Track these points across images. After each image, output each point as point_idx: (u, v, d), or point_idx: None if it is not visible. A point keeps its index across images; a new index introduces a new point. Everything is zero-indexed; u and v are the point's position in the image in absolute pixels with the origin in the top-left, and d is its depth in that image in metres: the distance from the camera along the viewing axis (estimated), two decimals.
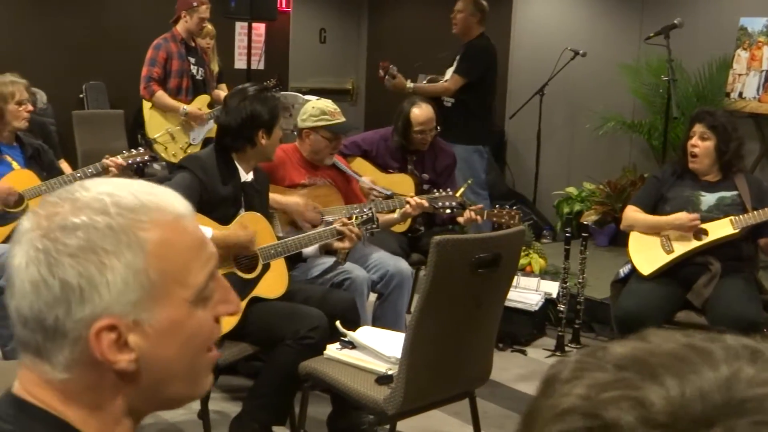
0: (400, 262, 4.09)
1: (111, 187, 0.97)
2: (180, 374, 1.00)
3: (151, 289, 0.94)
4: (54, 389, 0.96)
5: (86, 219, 0.93)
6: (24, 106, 4.14)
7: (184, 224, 0.98)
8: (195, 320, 0.98)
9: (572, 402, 0.64)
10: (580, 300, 4.84)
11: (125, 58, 7.87)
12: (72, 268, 0.91)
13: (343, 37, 10.30)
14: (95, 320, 0.92)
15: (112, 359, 0.93)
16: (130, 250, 0.93)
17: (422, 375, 2.79)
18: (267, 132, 3.43)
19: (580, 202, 6.94)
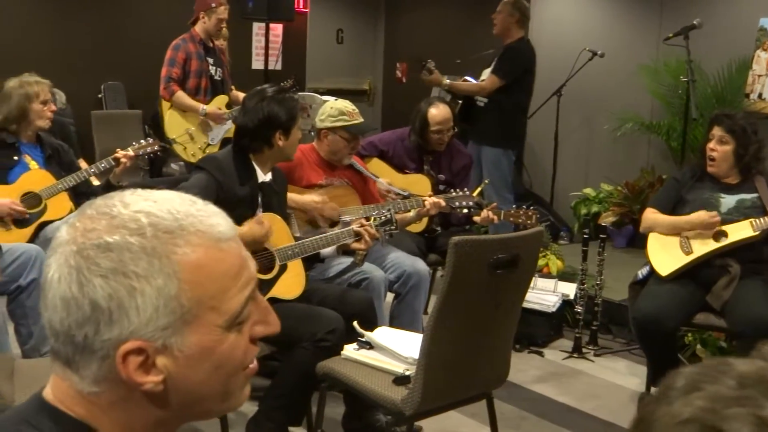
0: (417, 262, 4.09)
1: (150, 205, 0.94)
2: (210, 396, 0.98)
3: (182, 315, 0.91)
4: (84, 400, 0.95)
5: (120, 239, 0.91)
6: (48, 105, 4.17)
7: (224, 248, 0.95)
8: (227, 345, 0.95)
9: (693, 412, 0.66)
10: (598, 302, 4.82)
11: (143, 59, 7.92)
12: (102, 289, 0.89)
13: (360, 38, 10.31)
14: (122, 342, 0.90)
15: (139, 381, 0.92)
16: (163, 276, 0.90)
17: (440, 376, 2.79)
18: (284, 133, 3.41)
19: (597, 203, 6.91)
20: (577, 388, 4.30)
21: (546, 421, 3.90)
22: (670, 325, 3.77)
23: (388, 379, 2.92)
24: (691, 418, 0.66)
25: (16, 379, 2.78)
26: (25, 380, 2.79)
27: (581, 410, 4.03)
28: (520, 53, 5.95)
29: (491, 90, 5.85)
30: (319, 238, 3.48)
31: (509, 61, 5.88)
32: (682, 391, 0.69)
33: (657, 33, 7.06)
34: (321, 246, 3.47)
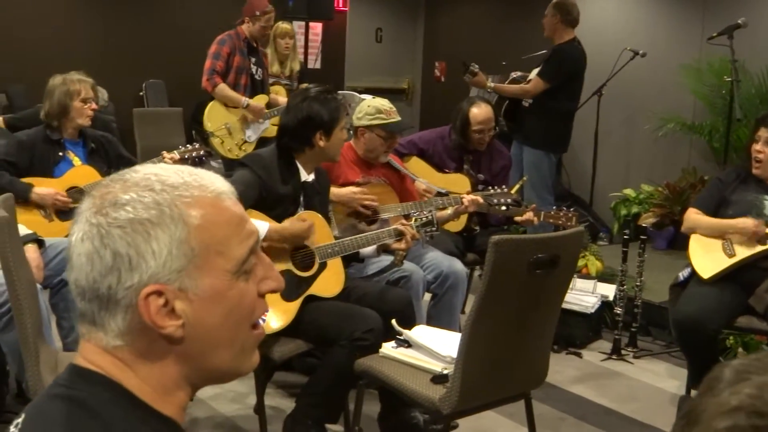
0: (454, 262, 4.08)
1: (157, 169, 1.05)
2: (224, 343, 1.05)
3: (193, 258, 1.00)
4: (110, 356, 1.02)
5: (134, 195, 1.00)
6: (89, 104, 4.22)
7: (224, 201, 1.05)
8: (236, 291, 1.04)
9: (741, 400, 0.68)
10: (638, 303, 4.77)
11: (184, 57, 8.00)
12: (121, 239, 0.98)
13: (399, 37, 10.31)
14: (143, 287, 0.98)
15: (161, 324, 0.99)
16: (174, 223, 1.00)
17: (478, 375, 2.78)
18: (325, 134, 3.38)
19: (637, 204, 6.85)
20: (616, 390, 4.27)
21: (585, 423, 3.87)
22: (712, 328, 3.72)
23: (426, 377, 2.91)
24: (739, 406, 0.67)
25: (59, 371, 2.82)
26: None
27: (620, 412, 4.00)
28: (567, 57, 5.86)
29: (536, 93, 5.81)
30: (360, 237, 3.48)
31: (554, 65, 5.81)
32: (729, 382, 0.71)
33: (700, 32, 6.98)
34: (361, 245, 3.48)
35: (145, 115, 7.46)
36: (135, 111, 7.29)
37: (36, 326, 2.71)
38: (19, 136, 4.21)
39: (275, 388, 4.01)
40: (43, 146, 4.14)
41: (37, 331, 2.73)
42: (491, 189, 4.27)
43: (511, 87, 6.03)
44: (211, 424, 3.67)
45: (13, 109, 6.88)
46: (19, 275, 2.64)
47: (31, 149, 4.11)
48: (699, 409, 0.72)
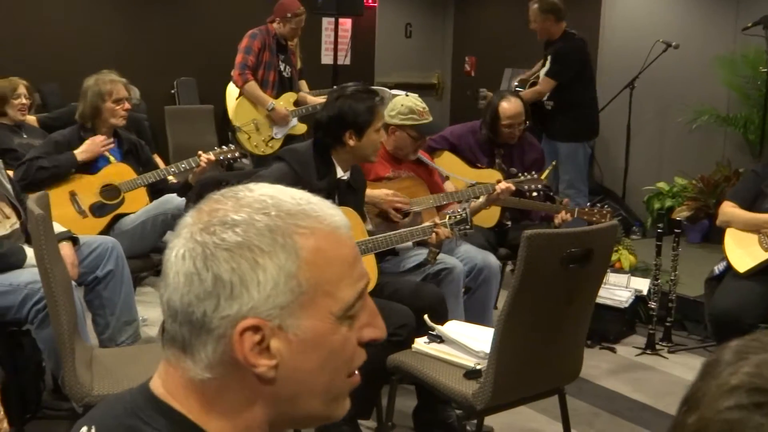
0: (488, 256, 4.07)
1: (274, 191, 0.97)
2: (317, 391, 0.97)
3: (300, 295, 0.92)
4: (195, 391, 0.95)
5: (246, 217, 0.92)
6: (121, 104, 4.24)
7: (341, 236, 0.97)
8: (339, 337, 0.95)
9: (740, 379, 0.69)
10: (672, 297, 4.73)
11: (215, 55, 8.03)
12: (226, 263, 0.90)
13: (429, 32, 10.28)
14: (241, 319, 0.90)
15: (253, 362, 0.91)
16: (285, 253, 0.91)
17: (511, 370, 2.76)
18: (356, 133, 3.35)
19: (671, 197, 6.78)
20: (651, 385, 4.23)
21: (619, 418, 3.84)
22: (748, 323, 3.67)
23: (459, 373, 2.90)
24: (739, 385, 0.68)
25: (94, 368, 2.85)
26: (102, 369, 2.86)
27: (655, 407, 3.96)
28: (571, 51, 5.97)
29: (548, 91, 5.89)
30: (393, 234, 3.47)
31: (560, 62, 5.92)
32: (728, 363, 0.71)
33: (734, 23, 6.88)
34: (394, 242, 3.47)
35: (177, 112, 7.52)
36: (167, 109, 7.35)
37: (71, 323, 2.73)
38: (54, 137, 4.26)
39: None
40: (78, 145, 4.18)
41: (73, 328, 2.75)
42: (521, 174, 4.29)
43: (523, 93, 5.98)
44: None
45: (47, 108, 6.95)
46: (55, 272, 2.67)
47: (67, 148, 4.15)
48: (700, 393, 0.72)
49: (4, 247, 3.18)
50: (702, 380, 0.73)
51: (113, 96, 4.21)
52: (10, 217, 3.33)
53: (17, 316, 3.12)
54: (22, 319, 3.12)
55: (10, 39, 7.65)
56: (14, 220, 3.34)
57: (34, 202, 2.76)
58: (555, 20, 5.98)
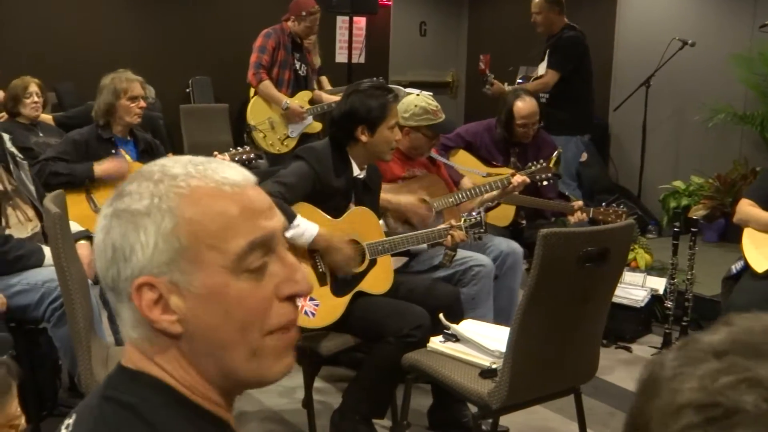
0: (511, 242, 4.18)
1: (171, 161, 1.02)
2: (231, 345, 0.98)
3: (182, 251, 0.96)
4: (139, 350, 1.01)
5: (136, 186, 0.99)
6: (136, 102, 4.25)
7: (227, 190, 0.98)
8: (235, 290, 0.97)
9: (687, 397, 0.65)
10: (689, 297, 4.69)
11: (230, 54, 8.05)
12: (117, 229, 0.97)
13: (444, 30, 10.27)
14: (135, 278, 0.96)
15: (151, 317, 0.97)
16: (161, 213, 0.96)
17: (527, 370, 2.75)
18: (368, 129, 3.34)
19: (687, 196, 6.75)
20: None
21: None
22: None
23: (475, 372, 2.90)
24: (686, 403, 0.64)
25: (110, 366, 2.86)
26: None
27: None
28: (573, 42, 5.97)
29: (554, 83, 5.90)
30: (410, 236, 3.47)
31: (563, 53, 5.92)
32: (668, 379, 0.68)
33: (751, 20, 6.84)
34: (411, 243, 3.47)
35: (192, 111, 7.53)
36: (182, 107, 7.36)
37: (87, 321, 2.74)
38: (72, 135, 4.27)
39: (323, 382, 4.02)
40: (96, 144, 4.19)
41: (89, 326, 2.76)
42: (530, 164, 4.35)
43: (530, 85, 5.99)
44: (260, 417, 3.70)
45: (63, 107, 6.98)
46: (71, 271, 2.68)
47: (84, 147, 4.16)
48: (645, 417, 0.68)
49: (24, 248, 3.19)
50: (644, 402, 0.69)
51: (128, 93, 4.23)
52: (32, 220, 3.35)
53: (34, 315, 3.13)
54: (39, 317, 3.13)
55: (27, 39, 7.69)
56: (36, 223, 3.36)
57: (51, 201, 2.77)
58: (558, 12, 6.00)
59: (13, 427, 1.99)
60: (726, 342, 0.66)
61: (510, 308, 3.95)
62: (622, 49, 8.08)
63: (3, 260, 3.11)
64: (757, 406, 0.61)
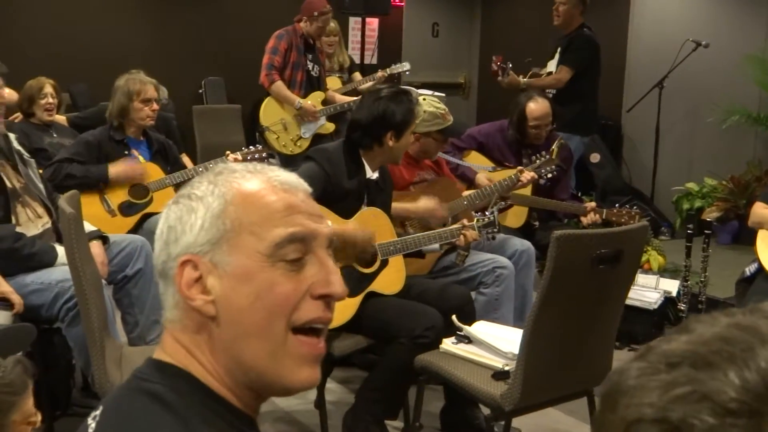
0: (524, 241, 4.20)
1: (239, 164, 1.11)
2: (254, 332, 1.01)
3: (226, 233, 1.02)
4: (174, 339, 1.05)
5: (199, 177, 1.08)
6: (149, 105, 4.26)
7: (277, 188, 1.06)
8: (267, 275, 1.01)
9: (639, 412, 0.63)
10: (702, 299, 4.68)
11: (243, 55, 8.07)
12: (173, 212, 1.05)
13: (456, 31, 10.26)
14: (180, 256, 1.03)
15: (189, 295, 1.02)
16: (213, 197, 1.03)
17: (540, 372, 2.75)
18: (396, 134, 3.37)
19: (701, 198, 6.72)
20: None
21: None
22: None
23: (487, 373, 2.89)
24: (638, 419, 0.63)
25: (123, 366, 2.87)
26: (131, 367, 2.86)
27: None
28: (588, 41, 5.96)
29: (567, 80, 5.86)
30: (421, 235, 3.47)
31: (578, 51, 5.90)
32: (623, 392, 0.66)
33: (765, 21, 6.82)
34: (423, 243, 3.47)
35: (205, 112, 7.54)
36: (194, 108, 7.38)
37: (101, 321, 2.75)
38: (85, 137, 4.29)
39: (335, 383, 4.02)
40: (108, 145, 4.21)
41: (103, 326, 2.77)
42: (534, 157, 4.41)
43: (543, 80, 5.98)
44: (272, 418, 3.70)
45: (77, 107, 7.01)
46: (85, 271, 2.69)
47: (97, 148, 4.18)
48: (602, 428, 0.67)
49: (36, 246, 3.20)
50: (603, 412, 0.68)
51: (141, 96, 4.23)
52: (42, 217, 3.36)
53: (48, 314, 3.14)
54: (53, 317, 3.15)
55: (41, 40, 7.73)
56: (46, 220, 3.37)
57: (66, 201, 2.79)
58: (580, 11, 5.98)
59: (30, 424, 2.01)
60: (678, 352, 0.64)
61: (523, 307, 3.95)
62: (636, 50, 8.05)
63: (16, 257, 3.13)
64: (704, 421, 0.59)
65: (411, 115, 3.40)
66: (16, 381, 1.98)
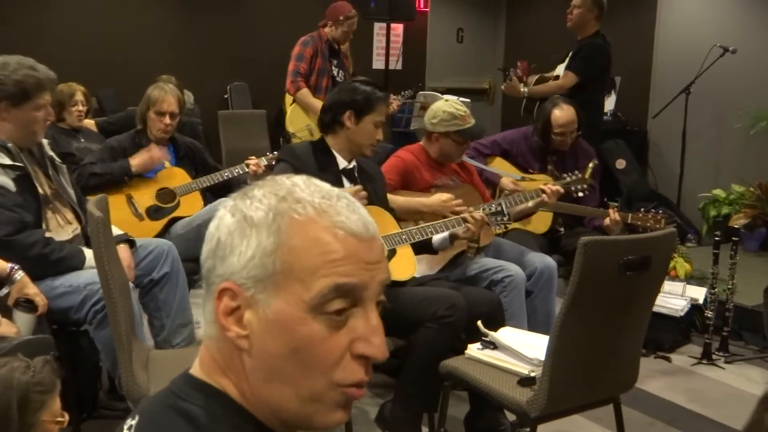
0: (545, 258, 4.07)
1: (306, 182, 1.02)
2: (287, 380, 0.97)
3: (274, 274, 0.96)
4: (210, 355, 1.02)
5: (262, 194, 1.00)
6: (163, 118, 4.26)
7: (339, 235, 0.97)
8: (308, 330, 0.95)
9: None
10: (729, 306, 4.64)
11: (267, 60, 8.11)
12: (227, 228, 0.99)
13: (481, 37, 10.25)
14: (223, 280, 0.98)
15: (225, 324, 0.98)
16: (269, 231, 0.96)
17: (566, 378, 2.73)
18: (356, 114, 3.42)
19: (728, 204, 6.66)
20: (707, 396, 4.15)
21: (674, 428, 3.77)
22: None
23: (513, 380, 2.88)
24: None
25: (150, 369, 2.88)
26: (158, 370, 2.89)
27: (711, 418, 3.88)
28: (600, 50, 5.74)
29: (569, 87, 5.63)
30: (426, 225, 3.48)
31: (587, 59, 5.70)
32: None
33: None
34: (428, 233, 3.47)
35: (230, 117, 7.57)
36: (220, 113, 7.41)
37: (129, 324, 2.77)
38: (110, 142, 4.34)
39: None
40: (133, 151, 4.24)
41: (130, 329, 2.79)
42: (566, 175, 4.31)
43: (544, 87, 5.77)
44: None
45: (104, 112, 7.07)
46: (113, 274, 2.71)
47: (122, 153, 4.21)
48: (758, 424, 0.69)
49: (65, 250, 3.23)
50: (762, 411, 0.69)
51: (156, 106, 4.25)
52: (72, 223, 3.39)
53: (76, 317, 3.16)
54: (81, 319, 3.17)
55: (68, 45, 7.81)
56: (76, 225, 3.40)
57: (94, 205, 2.81)
58: (596, 16, 5.77)
59: (57, 424, 2.03)
60: None
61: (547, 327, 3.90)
62: (662, 55, 8.00)
63: (45, 262, 3.15)
64: None
65: (372, 100, 3.43)
66: (46, 380, 2.01)
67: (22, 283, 2.94)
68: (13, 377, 1.95)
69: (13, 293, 2.92)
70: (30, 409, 1.96)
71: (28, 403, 1.96)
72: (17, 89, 3.16)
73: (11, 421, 1.92)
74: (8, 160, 3.14)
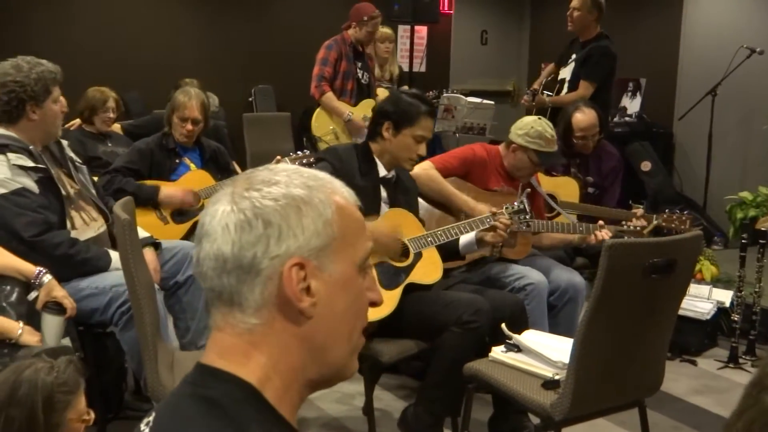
0: (573, 275, 3.98)
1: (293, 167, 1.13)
2: (343, 336, 1.10)
3: (333, 240, 1.06)
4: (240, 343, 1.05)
5: (285, 177, 1.08)
6: (185, 123, 4.31)
7: (353, 203, 1.13)
8: (358, 284, 1.10)
9: None
10: (756, 310, 4.60)
11: (291, 63, 8.14)
12: (275, 211, 1.03)
13: (505, 39, 10.23)
14: (289, 257, 1.03)
15: (299, 297, 1.03)
16: (322, 204, 1.06)
17: (591, 381, 2.72)
18: (394, 126, 3.41)
19: (755, 207, 6.58)
20: (734, 400, 4.05)
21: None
22: None
23: (537, 382, 2.87)
24: None
25: (175, 370, 2.90)
26: (183, 371, 2.90)
27: None
28: (607, 54, 5.74)
29: (589, 95, 5.58)
30: (452, 226, 3.47)
31: (598, 65, 5.69)
32: None
33: None
34: (454, 234, 3.45)
35: (255, 120, 7.61)
36: (245, 116, 7.45)
37: (154, 325, 2.79)
38: (138, 145, 4.37)
39: (382, 390, 4.02)
40: (159, 153, 4.28)
41: (156, 330, 2.81)
42: (623, 224, 4.10)
43: (566, 97, 5.72)
44: (319, 423, 3.71)
45: (129, 115, 7.12)
46: (139, 276, 2.73)
47: (149, 156, 4.25)
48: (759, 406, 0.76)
49: (91, 251, 3.25)
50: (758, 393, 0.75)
51: (178, 112, 4.30)
52: (97, 220, 3.42)
53: (102, 318, 3.19)
54: (107, 320, 3.19)
55: (94, 49, 7.88)
56: (101, 223, 3.43)
57: (120, 208, 2.83)
58: (595, 18, 5.79)
59: (83, 422, 2.06)
60: None
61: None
62: (688, 57, 7.95)
63: (71, 262, 3.18)
64: None
65: (412, 113, 3.40)
66: (70, 380, 2.03)
67: (50, 285, 2.97)
68: (38, 378, 1.98)
69: (41, 296, 2.95)
70: (55, 410, 1.98)
71: (54, 404, 1.98)
72: (40, 87, 3.19)
73: (37, 422, 1.95)
74: (30, 163, 3.17)
